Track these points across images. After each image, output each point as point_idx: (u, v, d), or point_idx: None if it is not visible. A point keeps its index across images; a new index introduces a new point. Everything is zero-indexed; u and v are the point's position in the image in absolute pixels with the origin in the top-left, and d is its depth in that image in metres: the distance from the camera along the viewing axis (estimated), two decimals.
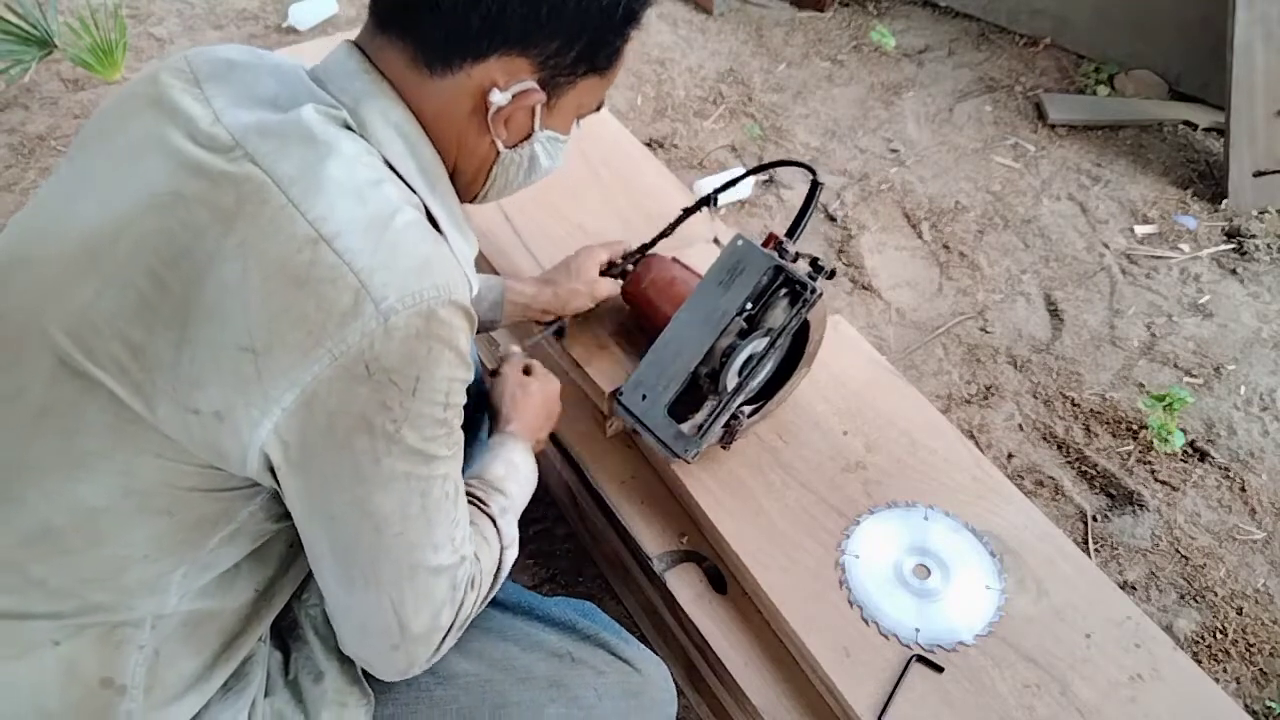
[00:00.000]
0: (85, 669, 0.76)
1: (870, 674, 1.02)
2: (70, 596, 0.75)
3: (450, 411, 0.75)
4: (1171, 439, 1.79)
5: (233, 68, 0.82)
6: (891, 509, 1.17)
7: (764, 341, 1.12)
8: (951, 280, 2.19)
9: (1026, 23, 2.94)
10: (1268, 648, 1.54)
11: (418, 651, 0.81)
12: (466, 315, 0.75)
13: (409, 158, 0.80)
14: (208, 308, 0.69)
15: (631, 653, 1.01)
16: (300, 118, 0.75)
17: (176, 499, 0.74)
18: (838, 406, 1.29)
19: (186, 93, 0.79)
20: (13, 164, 2.36)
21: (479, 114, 0.81)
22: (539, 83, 0.80)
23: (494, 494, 0.97)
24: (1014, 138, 2.59)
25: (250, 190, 0.71)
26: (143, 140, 0.77)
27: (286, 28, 2.85)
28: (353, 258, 0.69)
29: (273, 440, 0.70)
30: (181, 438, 0.72)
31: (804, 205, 1.18)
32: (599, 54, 0.82)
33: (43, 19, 2.51)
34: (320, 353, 0.68)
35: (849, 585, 1.10)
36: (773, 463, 1.22)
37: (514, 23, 0.76)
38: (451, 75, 0.78)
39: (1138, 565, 1.65)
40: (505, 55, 0.77)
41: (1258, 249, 2.24)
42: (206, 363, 0.69)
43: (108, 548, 0.74)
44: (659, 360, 1.15)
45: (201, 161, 0.73)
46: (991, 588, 1.10)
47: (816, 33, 2.99)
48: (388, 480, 0.73)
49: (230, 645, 0.84)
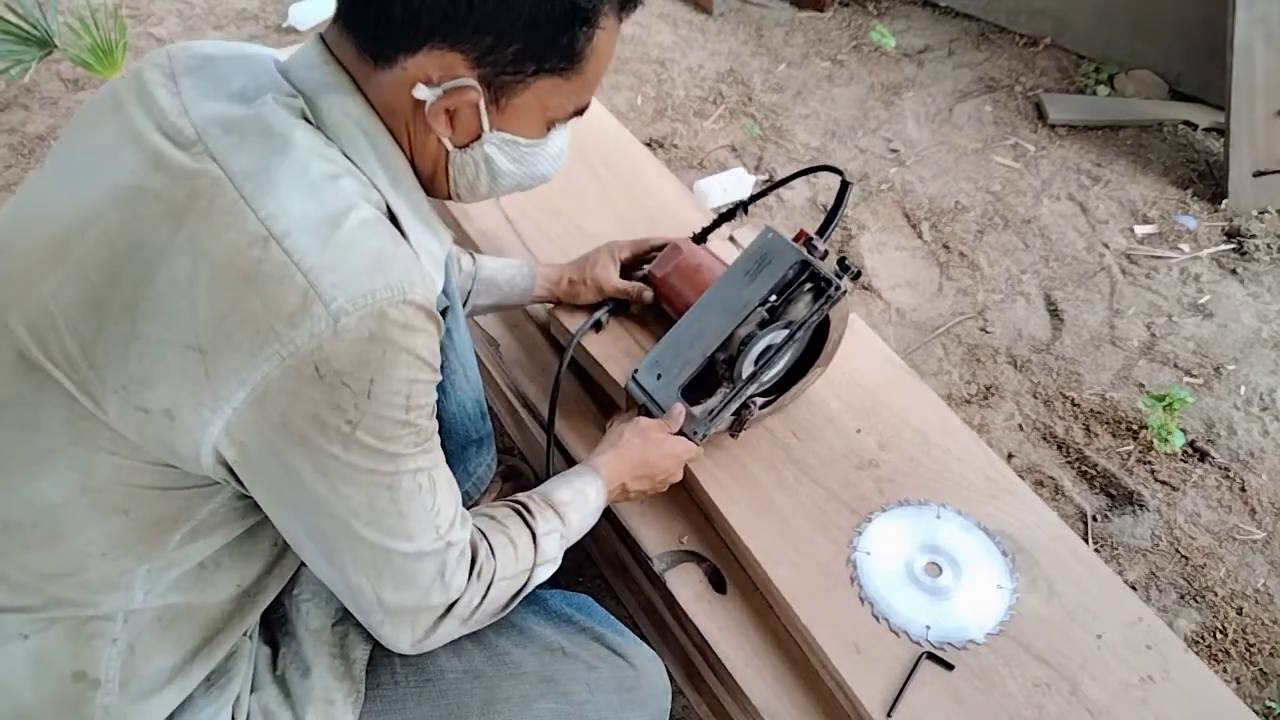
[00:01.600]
0: (56, 662, 0.76)
1: (880, 670, 1.03)
2: (34, 592, 0.75)
3: (415, 413, 0.74)
4: (1171, 439, 1.79)
5: (208, 61, 0.82)
6: (904, 507, 1.18)
7: (783, 333, 1.13)
8: (951, 280, 2.19)
9: (1026, 23, 2.94)
10: (1268, 648, 1.54)
11: (404, 628, 0.81)
12: (426, 314, 0.73)
13: (369, 151, 0.79)
14: (157, 304, 0.69)
15: (626, 646, 1.01)
16: (260, 113, 0.74)
17: (132, 497, 0.74)
18: (851, 404, 1.29)
19: (162, 85, 0.79)
20: (13, 164, 2.36)
21: (419, 109, 0.78)
22: (479, 79, 0.76)
23: (547, 512, 0.96)
24: (1014, 138, 2.59)
25: (204, 185, 0.71)
26: (120, 133, 0.77)
27: (286, 28, 2.85)
28: (301, 257, 0.68)
29: (225, 439, 0.70)
30: (133, 436, 0.71)
31: (834, 205, 1.21)
32: (546, 52, 0.77)
33: (43, 19, 2.51)
34: (268, 352, 0.67)
35: (860, 582, 1.10)
36: (785, 459, 1.23)
37: (434, 16, 0.72)
38: (390, 68, 0.76)
39: (1138, 565, 1.65)
40: (436, 49, 0.74)
41: (1258, 249, 2.24)
42: (155, 361, 0.69)
43: (66, 544, 0.74)
44: (677, 342, 1.16)
45: (166, 156, 0.73)
46: (1003, 587, 1.10)
47: (816, 33, 3.00)
48: (351, 476, 0.73)
49: (211, 640, 0.83)
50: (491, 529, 0.90)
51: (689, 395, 1.15)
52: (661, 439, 1.11)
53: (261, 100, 0.76)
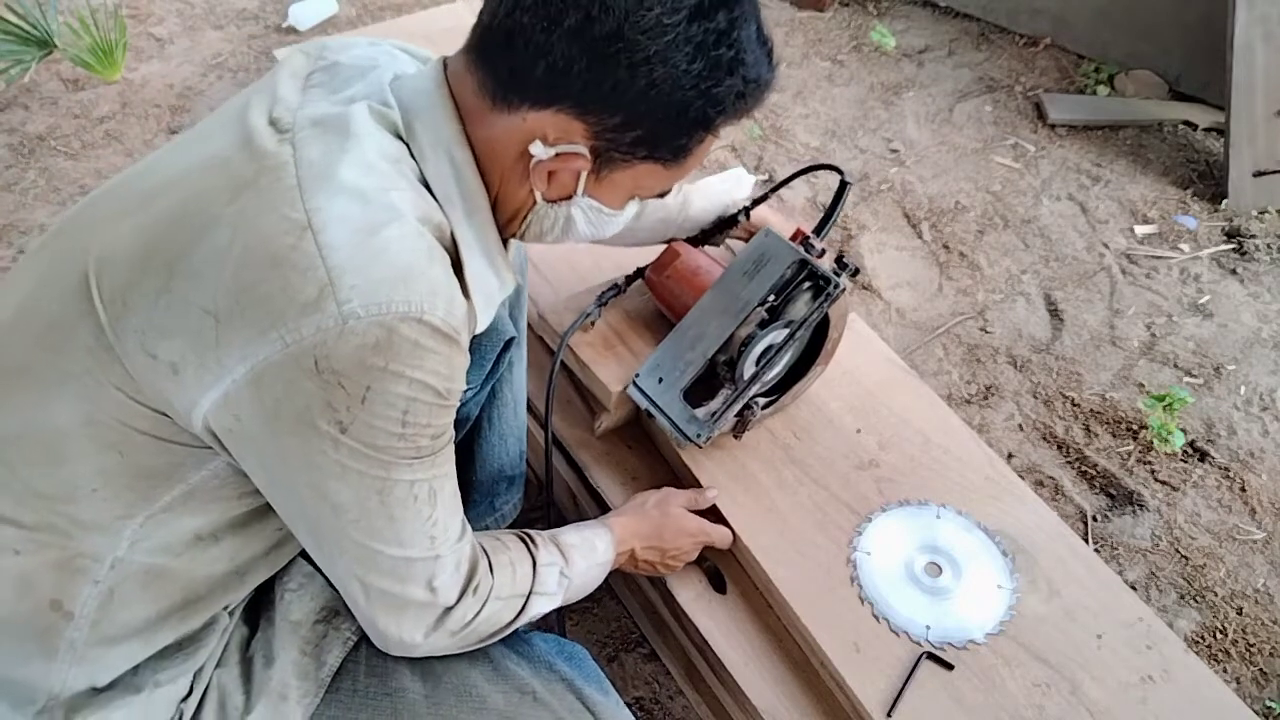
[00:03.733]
0: (39, 585, 0.78)
1: (880, 670, 1.03)
2: (30, 509, 0.77)
3: (412, 429, 0.75)
4: (1171, 439, 1.79)
5: (335, 67, 0.85)
6: (903, 507, 1.18)
7: (783, 333, 1.13)
8: (951, 280, 2.19)
9: (1026, 23, 2.94)
10: (1268, 648, 1.54)
11: (390, 629, 0.82)
12: (443, 337, 0.73)
13: (451, 179, 0.80)
14: (194, 266, 0.72)
15: (604, 707, 0.96)
16: (348, 111, 0.77)
17: (127, 438, 0.76)
18: (851, 404, 1.29)
19: (296, 77, 0.83)
20: (13, 164, 2.36)
21: (524, 159, 0.80)
22: (591, 150, 0.79)
23: (551, 547, 0.96)
24: (1014, 138, 2.59)
25: (271, 165, 0.74)
26: (242, 109, 0.81)
27: (287, 28, 2.85)
28: (330, 253, 0.69)
29: (222, 408, 0.72)
30: (137, 376, 0.74)
31: (832, 204, 1.22)
32: (661, 144, 0.79)
33: (43, 19, 2.51)
34: (274, 335, 0.69)
35: (860, 582, 1.10)
36: (786, 459, 1.23)
37: (575, 84, 0.74)
38: (509, 114, 0.78)
39: (1138, 565, 1.65)
40: (563, 112, 0.76)
41: (1258, 249, 2.24)
42: (176, 316, 0.71)
43: (64, 470, 0.76)
44: (678, 345, 1.16)
45: (259, 136, 0.76)
46: (1003, 587, 1.10)
47: (816, 33, 3.00)
48: (340, 473, 0.74)
49: (189, 606, 0.84)
50: (494, 548, 0.90)
51: (690, 398, 1.14)
52: (680, 515, 1.11)
53: (354, 105, 0.78)
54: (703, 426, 1.13)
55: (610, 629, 1.51)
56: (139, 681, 0.82)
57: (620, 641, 1.50)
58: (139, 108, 2.56)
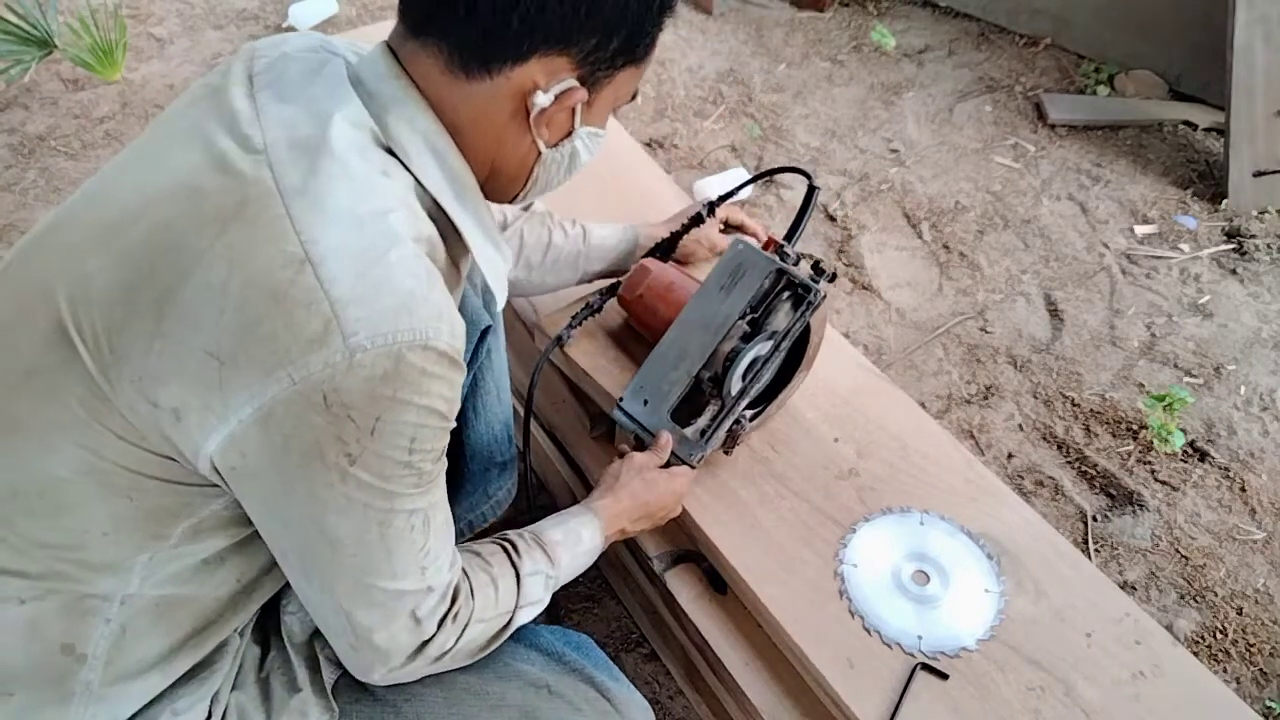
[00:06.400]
0: (48, 632, 0.76)
1: (875, 685, 1.01)
2: (34, 560, 0.76)
3: (418, 456, 0.74)
4: (1171, 439, 1.79)
5: (284, 62, 0.82)
6: (887, 515, 1.16)
7: (768, 345, 1.11)
8: (951, 280, 2.19)
9: (1026, 23, 2.94)
10: (1268, 648, 1.54)
11: (374, 661, 0.81)
12: (448, 362, 0.73)
13: (436, 169, 0.79)
14: (186, 306, 0.69)
15: (617, 692, 0.98)
16: (327, 134, 0.74)
17: (136, 484, 0.75)
18: (827, 413, 1.27)
19: (241, 85, 0.80)
20: (13, 164, 2.36)
21: (520, 116, 0.80)
22: (579, 79, 0.79)
23: (535, 552, 0.95)
24: (1014, 138, 2.59)
25: (255, 195, 0.71)
26: (192, 128, 0.78)
27: (286, 28, 2.86)
28: (331, 286, 0.68)
29: (228, 448, 0.71)
30: (140, 425, 0.72)
31: (801, 209, 1.19)
32: (637, 44, 0.80)
33: (43, 19, 2.51)
34: (280, 374, 0.68)
35: (849, 595, 1.08)
36: (765, 473, 1.20)
37: (554, 21, 0.74)
38: (489, 79, 0.77)
39: (1138, 565, 1.65)
40: (545, 55, 0.76)
41: (1258, 249, 2.24)
42: (173, 360, 0.70)
43: (70, 519, 0.75)
44: (660, 364, 1.14)
45: (230, 160, 0.74)
46: (990, 591, 1.09)
47: (816, 33, 3.00)
48: (344, 507, 0.73)
49: (203, 631, 0.84)
50: (475, 567, 0.89)
51: (676, 417, 1.12)
52: (657, 476, 1.08)
53: (330, 120, 0.76)
54: (695, 447, 1.11)
55: (610, 629, 1.51)
56: (156, 713, 0.82)
57: (620, 641, 1.50)
58: (139, 108, 2.56)
